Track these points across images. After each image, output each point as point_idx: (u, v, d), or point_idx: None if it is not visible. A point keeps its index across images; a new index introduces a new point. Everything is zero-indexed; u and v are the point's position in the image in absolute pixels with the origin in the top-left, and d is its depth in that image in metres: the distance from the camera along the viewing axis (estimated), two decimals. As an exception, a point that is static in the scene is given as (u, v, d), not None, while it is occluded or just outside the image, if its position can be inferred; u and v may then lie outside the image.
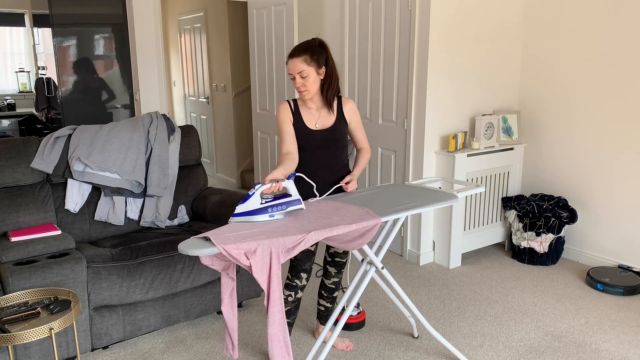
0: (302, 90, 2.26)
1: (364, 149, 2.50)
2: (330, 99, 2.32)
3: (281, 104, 2.36)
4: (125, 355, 2.58)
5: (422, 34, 3.42)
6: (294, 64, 2.23)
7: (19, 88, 6.63)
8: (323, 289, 2.62)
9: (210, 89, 6.36)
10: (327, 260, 2.55)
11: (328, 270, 2.56)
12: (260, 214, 1.87)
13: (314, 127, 2.33)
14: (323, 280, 2.61)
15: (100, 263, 2.48)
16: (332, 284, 2.57)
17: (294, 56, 2.23)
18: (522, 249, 3.72)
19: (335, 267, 2.53)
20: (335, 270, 2.54)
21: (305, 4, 4.47)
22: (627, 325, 2.84)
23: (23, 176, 2.75)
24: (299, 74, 2.22)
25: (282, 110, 2.34)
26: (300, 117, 2.33)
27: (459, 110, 3.70)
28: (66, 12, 4.67)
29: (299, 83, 2.25)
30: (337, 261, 2.52)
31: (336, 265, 2.53)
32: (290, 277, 2.39)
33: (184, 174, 3.26)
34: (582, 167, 3.68)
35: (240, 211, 1.87)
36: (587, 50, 3.55)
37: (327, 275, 2.58)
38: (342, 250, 2.50)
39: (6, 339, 1.86)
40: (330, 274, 2.56)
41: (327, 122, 2.36)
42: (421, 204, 2.11)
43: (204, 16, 6.19)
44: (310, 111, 2.35)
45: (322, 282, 2.62)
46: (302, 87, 2.25)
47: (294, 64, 2.23)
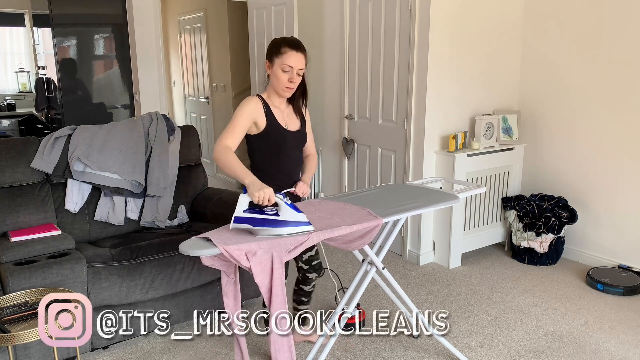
0: (291, 88, 2.12)
1: (313, 154, 2.41)
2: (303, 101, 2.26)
3: (253, 97, 2.15)
4: (125, 355, 2.58)
5: (422, 34, 3.42)
6: (300, 58, 2.07)
7: (19, 88, 6.62)
8: (303, 295, 2.53)
9: (210, 89, 6.35)
10: (305, 268, 2.45)
11: (308, 278, 2.47)
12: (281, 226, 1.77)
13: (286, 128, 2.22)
14: (302, 288, 2.51)
15: (100, 263, 2.48)
16: (312, 287, 2.52)
17: (300, 49, 2.08)
18: (522, 249, 3.72)
19: (315, 272, 2.46)
20: (316, 275, 2.48)
21: (305, 4, 4.47)
22: (627, 325, 2.84)
23: (23, 176, 2.75)
24: (299, 70, 2.09)
25: (250, 104, 2.12)
26: (273, 116, 2.18)
27: (459, 110, 3.70)
28: (66, 12, 4.67)
29: (295, 80, 2.09)
30: (314, 265, 2.44)
31: (315, 269, 2.46)
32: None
33: (184, 174, 3.26)
34: (582, 167, 3.68)
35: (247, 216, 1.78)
36: (588, 50, 3.55)
37: (306, 282, 2.49)
38: (314, 251, 2.42)
39: (6, 339, 1.86)
40: (311, 279, 2.48)
41: (294, 123, 2.26)
42: (422, 205, 2.11)
43: (204, 16, 6.19)
44: (279, 110, 2.21)
45: (302, 290, 2.52)
46: (293, 84, 2.11)
47: (299, 59, 2.07)
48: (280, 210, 1.78)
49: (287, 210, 1.77)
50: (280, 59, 2.06)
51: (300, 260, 2.43)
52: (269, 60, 2.12)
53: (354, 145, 4.15)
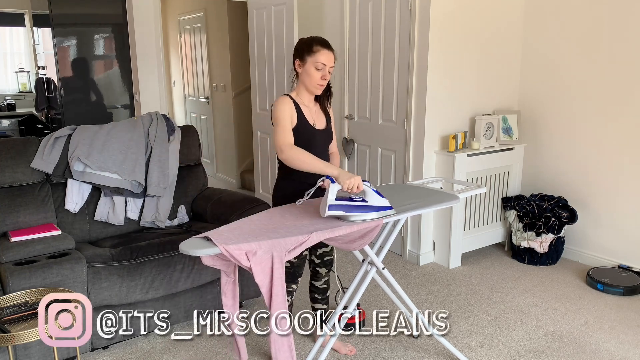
0: (323, 85, 2.20)
1: (336, 152, 2.45)
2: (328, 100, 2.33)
3: (283, 97, 2.24)
4: (125, 355, 2.58)
5: (422, 34, 3.42)
6: (331, 56, 2.17)
7: (19, 88, 6.62)
8: (316, 292, 2.54)
9: (210, 89, 6.35)
10: (316, 262, 2.48)
11: (318, 272, 2.49)
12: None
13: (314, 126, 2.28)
14: (313, 284, 2.52)
15: (100, 263, 2.48)
16: (324, 284, 2.52)
17: (330, 48, 2.18)
18: (522, 249, 3.72)
19: (325, 267, 2.48)
20: (326, 270, 2.49)
21: (305, 4, 4.47)
22: (627, 325, 2.84)
23: (23, 176, 2.75)
24: (330, 68, 2.17)
25: (286, 103, 2.21)
26: (303, 114, 2.24)
27: (459, 110, 3.70)
28: (66, 12, 4.67)
29: (327, 77, 2.18)
30: (326, 260, 2.46)
31: (326, 264, 2.47)
32: (287, 284, 2.28)
33: (184, 174, 3.26)
34: (582, 167, 3.68)
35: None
36: (588, 50, 3.55)
37: (317, 277, 2.50)
38: (330, 247, 2.45)
39: (6, 339, 1.86)
40: (321, 274, 2.50)
41: (321, 121, 2.32)
42: (423, 205, 2.11)
43: (204, 16, 6.18)
44: (307, 109, 2.27)
45: (313, 286, 2.53)
46: (325, 81, 2.19)
47: (330, 57, 2.17)
48: (367, 196, 1.93)
49: (373, 195, 1.93)
50: (313, 57, 2.15)
51: (314, 254, 2.46)
52: (300, 59, 2.20)
53: (354, 145, 4.15)
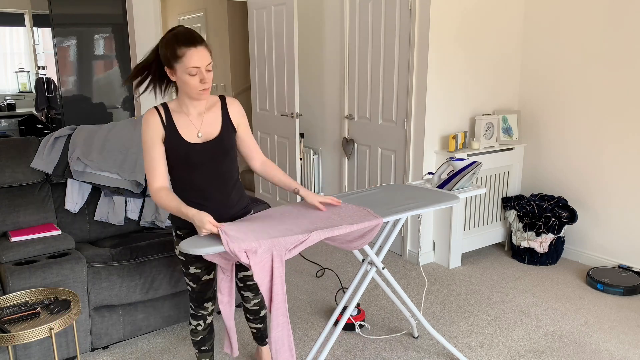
0: (206, 88, 1.77)
1: (266, 160, 2.07)
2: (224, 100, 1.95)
3: (148, 114, 1.80)
4: (125, 355, 2.58)
5: (422, 34, 3.42)
6: (202, 53, 1.71)
7: (19, 88, 6.63)
8: (247, 313, 2.29)
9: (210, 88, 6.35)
10: (240, 286, 2.20)
11: (244, 296, 2.23)
12: None
13: (195, 140, 1.85)
14: (244, 306, 2.28)
15: (100, 263, 2.48)
16: (255, 306, 2.25)
17: (198, 44, 1.71)
18: (522, 249, 3.72)
19: (250, 291, 2.20)
20: (252, 294, 2.21)
21: (305, 4, 4.47)
22: (627, 325, 2.84)
23: (23, 176, 2.75)
24: (207, 66, 1.74)
25: (149, 121, 1.78)
26: (175, 128, 1.82)
27: (459, 110, 3.70)
28: (66, 12, 4.67)
29: (207, 78, 1.74)
30: (249, 285, 2.18)
31: (250, 289, 2.19)
32: (195, 308, 2.06)
33: (184, 174, 3.25)
34: (582, 167, 3.68)
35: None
36: (587, 50, 3.55)
37: (245, 300, 2.24)
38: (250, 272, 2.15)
39: (6, 339, 1.86)
40: (249, 298, 2.22)
41: (212, 130, 1.88)
42: (422, 205, 2.11)
43: (204, 16, 6.19)
44: (189, 119, 1.84)
45: (244, 307, 2.28)
46: (207, 83, 1.76)
47: (202, 54, 1.71)
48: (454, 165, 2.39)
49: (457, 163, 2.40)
50: (181, 63, 1.71)
51: (237, 277, 2.19)
52: (168, 67, 1.76)
53: (354, 145, 4.15)
